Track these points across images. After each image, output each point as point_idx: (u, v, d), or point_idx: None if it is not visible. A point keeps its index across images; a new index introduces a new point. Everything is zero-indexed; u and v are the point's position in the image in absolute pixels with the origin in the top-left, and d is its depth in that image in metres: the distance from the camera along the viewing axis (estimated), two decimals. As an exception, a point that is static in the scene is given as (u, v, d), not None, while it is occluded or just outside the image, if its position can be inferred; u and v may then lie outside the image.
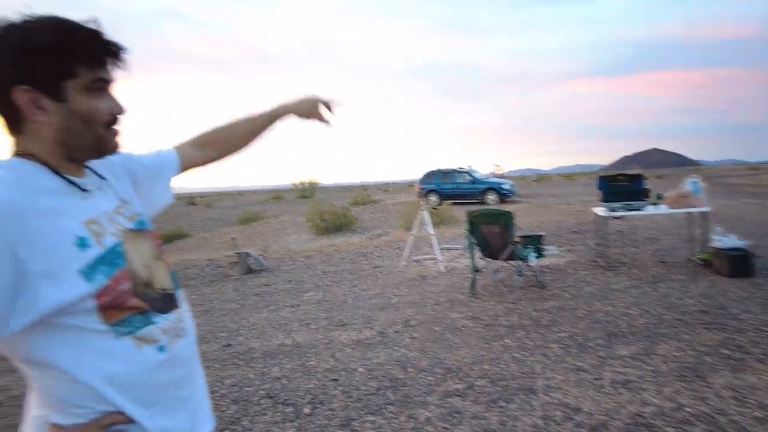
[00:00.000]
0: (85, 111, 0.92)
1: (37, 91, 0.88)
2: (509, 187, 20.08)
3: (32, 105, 0.89)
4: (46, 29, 0.89)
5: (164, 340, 1.00)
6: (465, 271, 6.98)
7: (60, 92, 0.90)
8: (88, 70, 0.92)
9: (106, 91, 0.96)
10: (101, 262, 0.92)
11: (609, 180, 7.04)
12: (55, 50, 0.88)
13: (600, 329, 4.22)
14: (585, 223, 10.68)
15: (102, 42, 0.93)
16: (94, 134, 0.95)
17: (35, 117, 0.90)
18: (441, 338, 4.31)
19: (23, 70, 0.88)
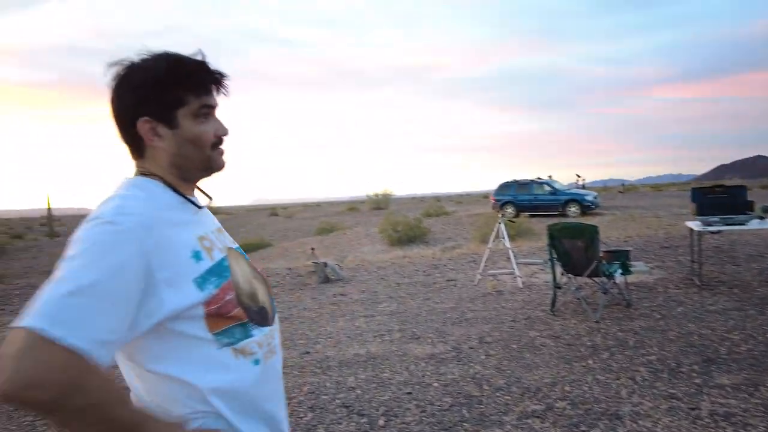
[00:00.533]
0: (194, 135, 1.03)
1: (155, 120, 1.00)
2: (592, 199, 19.14)
3: (151, 133, 1.01)
4: (159, 65, 1.01)
5: (259, 354, 1.06)
6: (544, 287, 6.73)
7: (173, 120, 1.01)
8: (195, 98, 1.02)
9: (211, 115, 1.06)
10: (211, 273, 1.00)
11: (704, 191, 6.52)
12: (167, 83, 1.00)
13: (695, 354, 3.90)
14: (677, 237, 9.93)
15: (206, 72, 1.03)
16: (203, 156, 1.05)
17: (154, 143, 1.02)
18: (518, 356, 4.18)
19: (144, 103, 1.00)
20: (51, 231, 25.85)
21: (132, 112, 1.00)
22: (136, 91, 1.00)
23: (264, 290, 1.15)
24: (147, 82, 0.99)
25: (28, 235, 29.57)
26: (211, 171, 1.08)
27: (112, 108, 1.02)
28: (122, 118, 1.02)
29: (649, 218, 15.52)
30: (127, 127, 1.02)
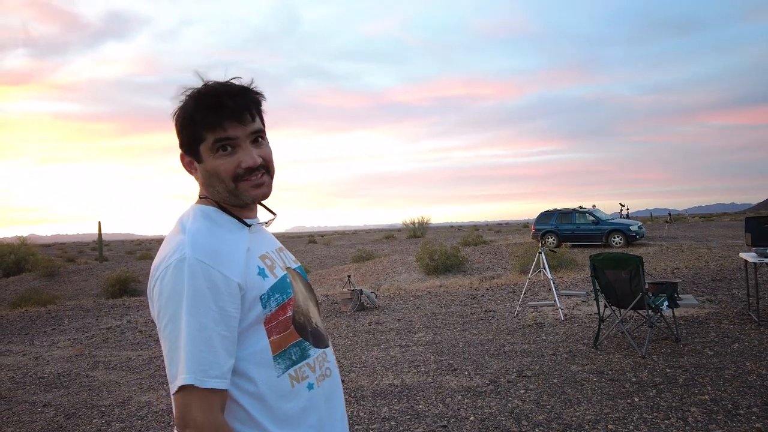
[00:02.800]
0: (211, 169, 1.07)
1: (188, 155, 1.10)
2: (637, 229, 18.47)
3: (189, 166, 1.11)
4: (186, 104, 1.07)
5: (312, 378, 1.09)
6: (587, 319, 6.48)
7: (198, 155, 1.08)
8: (210, 133, 1.05)
9: (239, 146, 1.06)
10: (274, 290, 1.06)
11: (760, 221, 6.18)
12: (187, 122, 1.07)
13: (754, 395, 3.64)
14: (730, 270, 9.42)
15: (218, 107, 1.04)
16: (227, 188, 1.07)
17: (193, 175, 1.12)
18: (559, 391, 4.00)
19: (180, 140, 1.10)
20: (101, 255, 26.98)
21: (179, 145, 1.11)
22: (176, 129, 1.10)
23: (316, 312, 1.18)
24: (178, 122, 1.08)
25: (79, 259, 30.96)
26: (239, 201, 1.09)
27: None
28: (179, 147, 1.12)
29: (699, 249, 14.82)
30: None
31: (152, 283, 1.00)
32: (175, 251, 0.99)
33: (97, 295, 15.81)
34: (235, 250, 1.03)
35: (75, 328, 8.80)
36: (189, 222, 1.05)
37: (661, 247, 16.31)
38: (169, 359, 0.97)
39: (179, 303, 0.95)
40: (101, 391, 4.99)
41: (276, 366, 1.03)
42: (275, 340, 1.03)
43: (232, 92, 1.05)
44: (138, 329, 8.33)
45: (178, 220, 1.08)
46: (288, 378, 1.03)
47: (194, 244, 0.99)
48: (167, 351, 0.97)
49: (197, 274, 0.96)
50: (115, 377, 5.49)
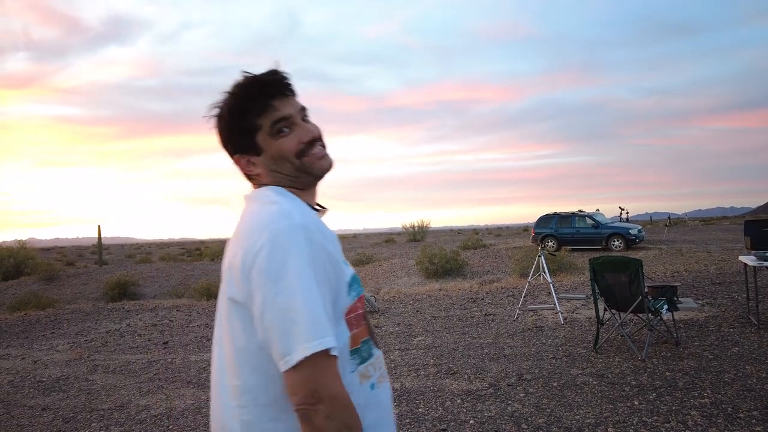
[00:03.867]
0: (276, 152, 1.05)
1: (244, 154, 1.07)
2: (637, 232, 18.47)
3: (248, 165, 1.08)
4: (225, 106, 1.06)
5: (374, 378, 1.05)
6: (587, 323, 6.48)
7: (256, 147, 1.06)
8: (265, 118, 1.04)
9: (294, 123, 1.06)
10: (354, 281, 1.04)
11: (759, 224, 6.18)
12: (235, 119, 1.05)
13: (754, 399, 3.63)
14: (729, 273, 9.42)
15: (263, 88, 1.04)
16: (294, 165, 1.06)
17: (252, 172, 1.08)
18: (559, 395, 4.00)
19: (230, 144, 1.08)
20: (100, 259, 26.95)
21: (228, 152, 1.09)
22: (221, 136, 1.09)
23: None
24: (225, 125, 1.07)
25: (79, 263, 30.93)
26: (312, 175, 1.08)
27: None
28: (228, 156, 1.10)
29: (698, 253, 14.82)
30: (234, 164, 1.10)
31: (253, 253, 0.92)
32: (281, 218, 0.94)
33: (97, 299, 15.78)
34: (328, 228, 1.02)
35: (74, 332, 8.78)
36: (275, 195, 1.02)
37: (661, 251, 16.31)
38: (285, 330, 0.88)
39: (298, 268, 0.89)
40: (100, 395, 4.98)
41: (351, 361, 0.99)
42: (353, 334, 1.00)
43: (266, 74, 1.06)
44: (137, 333, 8.32)
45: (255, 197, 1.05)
46: (357, 375, 1.00)
47: (300, 212, 0.97)
48: (281, 321, 0.88)
49: (312, 240, 0.92)
50: (114, 381, 5.47)
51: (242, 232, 0.99)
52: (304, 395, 0.87)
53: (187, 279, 19.67)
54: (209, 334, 7.87)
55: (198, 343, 7.23)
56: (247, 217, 1.02)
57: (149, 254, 39.52)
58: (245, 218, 1.02)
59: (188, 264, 25.37)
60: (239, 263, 0.94)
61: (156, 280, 20.42)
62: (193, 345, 7.16)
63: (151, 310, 10.91)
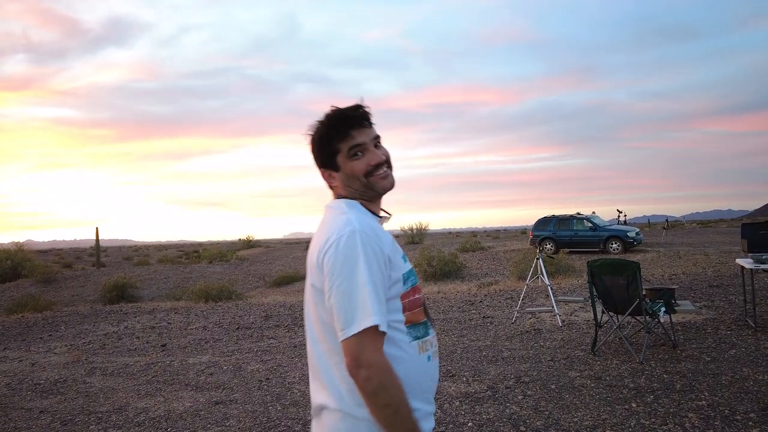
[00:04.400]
0: (350, 172, 1.34)
1: (327, 169, 1.38)
2: (635, 235, 18.51)
3: (329, 178, 1.39)
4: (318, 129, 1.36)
5: (431, 351, 1.32)
6: (585, 325, 6.49)
7: (335, 165, 1.36)
8: (343, 144, 1.33)
9: (367, 149, 1.34)
10: (410, 274, 1.33)
11: (756, 227, 6.21)
12: (323, 141, 1.35)
13: (751, 401, 3.64)
14: (727, 276, 9.45)
15: (345, 121, 1.33)
16: (362, 184, 1.35)
17: (331, 183, 1.40)
18: (557, 397, 4.01)
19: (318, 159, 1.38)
20: (98, 261, 26.90)
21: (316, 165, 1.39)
22: (312, 152, 1.39)
23: None
24: (315, 144, 1.37)
25: (77, 265, 30.87)
26: (376, 191, 1.37)
27: None
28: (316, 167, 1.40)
29: (696, 255, 14.86)
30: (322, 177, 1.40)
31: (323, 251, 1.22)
32: (345, 225, 1.24)
33: (94, 301, 15.75)
34: (383, 232, 1.31)
35: (72, 334, 8.77)
36: (346, 207, 1.32)
37: (659, 254, 16.35)
38: (344, 309, 1.17)
39: (355, 263, 1.18)
40: (98, 398, 4.97)
41: (408, 334, 1.27)
42: (408, 315, 1.27)
43: (350, 108, 1.34)
44: (135, 335, 8.31)
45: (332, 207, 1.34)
46: (416, 346, 1.27)
47: (359, 221, 1.25)
48: (341, 303, 1.18)
49: (367, 243, 1.21)
50: (112, 383, 5.47)
51: (320, 233, 1.29)
52: (349, 361, 1.16)
53: (185, 281, 19.65)
54: (207, 336, 7.86)
55: (196, 346, 7.23)
56: (326, 222, 1.32)
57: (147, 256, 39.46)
58: (324, 223, 1.32)
59: (186, 266, 25.34)
60: (315, 258, 1.26)
61: (154, 282, 20.39)
62: (191, 347, 7.15)
63: (149, 312, 10.89)
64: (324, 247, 1.23)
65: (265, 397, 4.62)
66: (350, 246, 1.20)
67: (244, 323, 8.72)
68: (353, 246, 1.20)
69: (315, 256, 1.26)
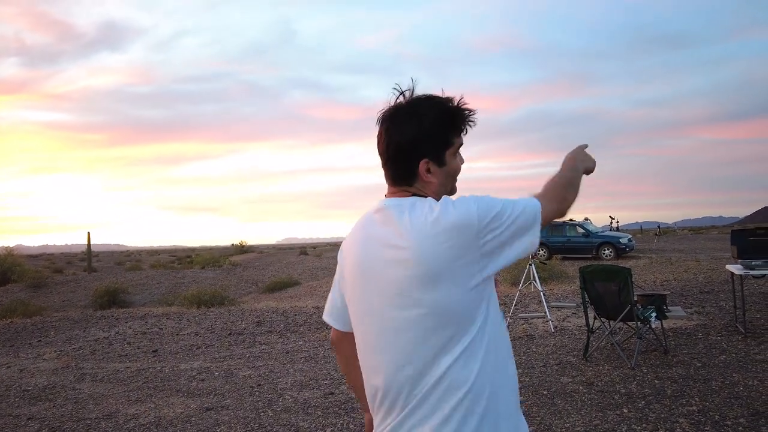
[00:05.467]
0: (454, 170, 1.23)
1: (431, 161, 1.18)
2: (627, 242, 18.62)
3: (427, 171, 1.18)
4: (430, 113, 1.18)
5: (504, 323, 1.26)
6: (577, 331, 6.51)
7: (443, 159, 1.20)
8: (457, 138, 1.22)
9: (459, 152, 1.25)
10: None
11: (746, 233, 6.27)
12: (439, 129, 1.19)
13: (741, 406, 3.67)
14: (718, 282, 9.52)
15: (463, 115, 1.22)
16: (453, 184, 1.25)
17: (426, 179, 1.19)
18: (549, 403, 4.01)
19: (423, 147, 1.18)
20: (89, 266, 26.69)
21: (413, 154, 1.18)
22: (416, 137, 1.18)
23: None
24: (423, 130, 1.17)
25: (67, 270, 30.60)
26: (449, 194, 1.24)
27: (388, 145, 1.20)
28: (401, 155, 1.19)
29: (688, 261, 14.96)
30: (406, 163, 1.19)
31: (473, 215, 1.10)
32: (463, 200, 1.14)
33: (85, 307, 15.61)
34: None
35: (61, 340, 8.68)
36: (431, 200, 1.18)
37: (651, 260, 16.45)
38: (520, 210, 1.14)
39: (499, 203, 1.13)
40: (87, 404, 4.92)
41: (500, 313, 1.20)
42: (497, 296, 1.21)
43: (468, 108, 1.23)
44: (126, 341, 8.24)
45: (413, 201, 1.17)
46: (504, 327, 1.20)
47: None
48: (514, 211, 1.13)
49: None
50: (102, 389, 5.41)
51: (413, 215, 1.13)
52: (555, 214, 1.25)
53: (178, 287, 19.52)
54: (199, 342, 7.81)
55: (188, 351, 7.18)
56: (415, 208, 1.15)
57: (139, 261, 39.21)
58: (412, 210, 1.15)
59: (179, 271, 25.19)
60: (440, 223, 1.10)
61: (146, 287, 20.24)
62: (182, 353, 7.10)
63: (140, 317, 10.81)
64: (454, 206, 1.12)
65: (256, 403, 4.60)
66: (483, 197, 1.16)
67: (236, 329, 8.67)
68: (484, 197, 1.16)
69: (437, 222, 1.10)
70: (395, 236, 1.14)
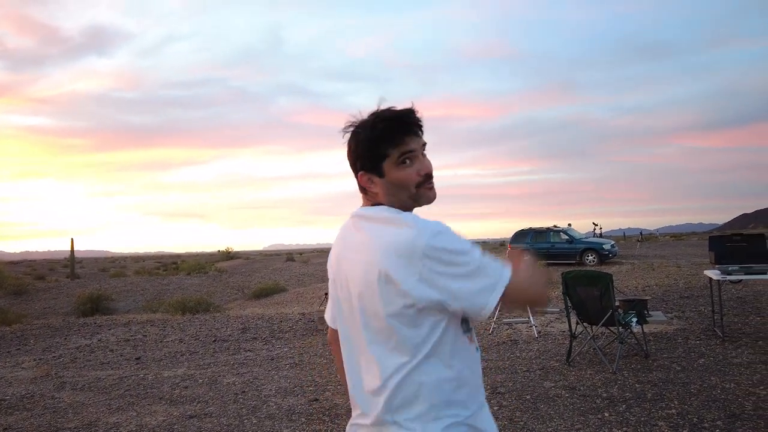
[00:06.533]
0: (396, 180, 1.24)
1: (368, 173, 1.26)
2: (610, 248, 18.85)
3: (368, 182, 1.27)
4: (366, 128, 1.25)
5: (476, 344, 1.28)
6: (560, 336, 6.58)
7: (380, 170, 1.25)
8: (394, 149, 1.23)
9: (416, 157, 1.25)
10: None
11: (723, 240, 6.40)
12: (371, 143, 1.24)
13: (719, 409, 3.74)
14: (697, 287, 9.69)
15: (400, 125, 1.23)
16: (409, 194, 1.25)
17: (370, 189, 1.27)
18: (532, 408, 4.05)
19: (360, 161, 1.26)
20: (72, 273, 26.26)
21: (355, 167, 1.28)
22: (354, 152, 1.28)
23: None
24: (359, 144, 1.26)
25: (50, 277, 30.07)
26: (419, 203, 1.28)
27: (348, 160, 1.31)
28: (353, 170, 1.30)
29: (669, 267, 15.20)
30: (355, 176, 1.30)
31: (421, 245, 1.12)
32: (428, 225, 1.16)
33: (67, 314, 15.36)
34: None
35: (41, 348, 8.53)
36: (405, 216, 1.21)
37: (633, 266, 16.66)
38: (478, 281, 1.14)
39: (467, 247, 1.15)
40: (67, 413, 4.84)
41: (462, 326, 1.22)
42: None
43: (406, 112, 1.25)
44: (109, 348, 8.13)
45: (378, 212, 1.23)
46: (467, 338, 1.23)
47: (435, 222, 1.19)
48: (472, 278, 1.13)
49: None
50: (83, 398, 5.33)
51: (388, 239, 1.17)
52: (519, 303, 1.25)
53: (163, 293, 19.31)
54: (183, 349, 7.73)
55: (171, 359, 7.10)
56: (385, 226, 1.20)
57: (124, 268, 38.68)
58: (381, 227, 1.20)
59: (164, 278, 24.91)
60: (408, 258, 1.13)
61: (130, 294, 19.98)
62: (166, 360, 7.03)
63: (124, 324, 10.67)
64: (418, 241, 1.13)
65: (240, 410, 4.57)
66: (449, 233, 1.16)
67: (221, 336, 8.61)
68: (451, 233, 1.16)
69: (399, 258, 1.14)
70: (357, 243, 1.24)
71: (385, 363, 1.19)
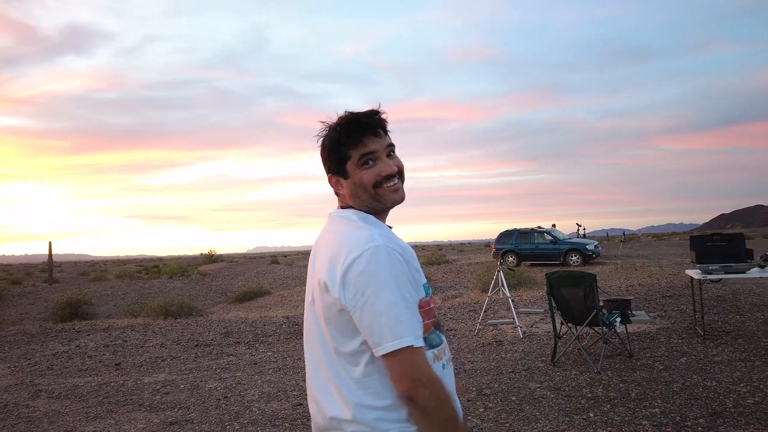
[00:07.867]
0: (358, 180, 1.27)
1: (335, 175, 1.31)
2: (594, 248, 19.05)
3: (336, 185, 1.32)
4: (329, 133, 1.30)
5: (444, 359, 1.27)
6: (545, 337, 6.60)
7: (344, 172, 1.29)
8: (355, 151, 1.26)
9: (379, 158, 1.27)
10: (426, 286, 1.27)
11: (703, 239, 6.49)
12: (333, 146, 1.28)
13: (700, 407, 3.77)
14: (679, 287, 9.81)
15: (359, 126, 1.26)
16: (369, 194, 1.27)
17: (339, 191, 1.32)
18: (518, 409, 4.04)
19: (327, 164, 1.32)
20: (50, 277, 25.70)
21: (326, 170, 1.33)
22: (322, 155, 1.33)
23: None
24: (324, 149, 1.31)
25: (26, 281, 29.40)
26: (383, 204, 1.29)
27: None
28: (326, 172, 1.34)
29: (651, 267, 15.40)
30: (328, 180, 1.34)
31: (348, 267, 1.15)
32: (367, 241, 1.17)
33: (45, 320, 15.00)
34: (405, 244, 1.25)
35: (16, 355, 8.30)
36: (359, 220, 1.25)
37: (616, 266, 16.86)
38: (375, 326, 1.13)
39: (383, 280, 1.13)
40: (42, 422, 4.70)
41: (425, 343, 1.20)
42: (425, 324, 1.21)
43: (366, 115, 1.28)
44: (87, 354, 7.94)
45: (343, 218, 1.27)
46: (432, 355, 1.21)
47: (381, 235, 1.19)
48: (371, 320, 1.13)
49: (394, 258, 1.16)
50: (59, 406, 5.19)
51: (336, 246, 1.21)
52: (408, 381, 1.13)
53: (144, 297, 18.97)
54: (164, 354, 7.59)
55: (152, 364, 6.96)
56: (338, 236, 1.24)
57: (105, 272, 37.98)
58: (336, 236, 1.25)
59: (145, 282, 24.51)
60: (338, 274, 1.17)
61: (111, 298, 19.61)
62: (147, 366, 6.89)
63: (104, 330, 10.44)
64: (346, 262, 1.16)
65: (222, 416, 4.48)
66: (375, 263, 1.14)
67: (203, 340, 8.47)
68: (378, 263, 1.14)
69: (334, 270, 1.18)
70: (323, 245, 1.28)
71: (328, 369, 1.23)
